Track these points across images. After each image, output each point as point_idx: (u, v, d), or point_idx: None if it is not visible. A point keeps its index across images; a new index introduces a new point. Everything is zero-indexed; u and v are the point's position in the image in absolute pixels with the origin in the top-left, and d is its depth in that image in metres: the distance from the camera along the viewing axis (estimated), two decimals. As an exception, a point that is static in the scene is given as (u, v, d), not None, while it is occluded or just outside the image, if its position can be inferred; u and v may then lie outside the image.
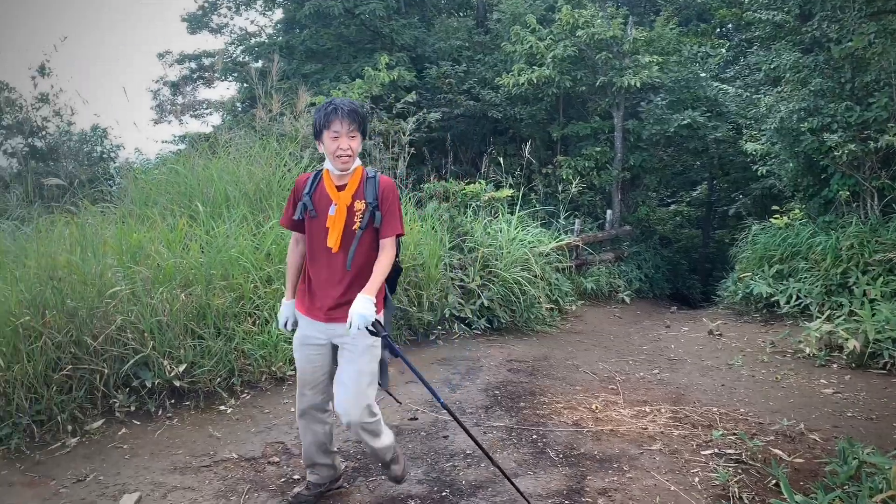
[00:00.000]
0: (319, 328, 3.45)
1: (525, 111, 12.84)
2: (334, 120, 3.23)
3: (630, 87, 11.25)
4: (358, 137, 3.32)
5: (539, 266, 8.00)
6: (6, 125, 12.89)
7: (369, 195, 3.35)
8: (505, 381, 5.96)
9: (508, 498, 3.92)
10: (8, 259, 5.18)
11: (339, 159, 3.28)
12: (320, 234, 3.38)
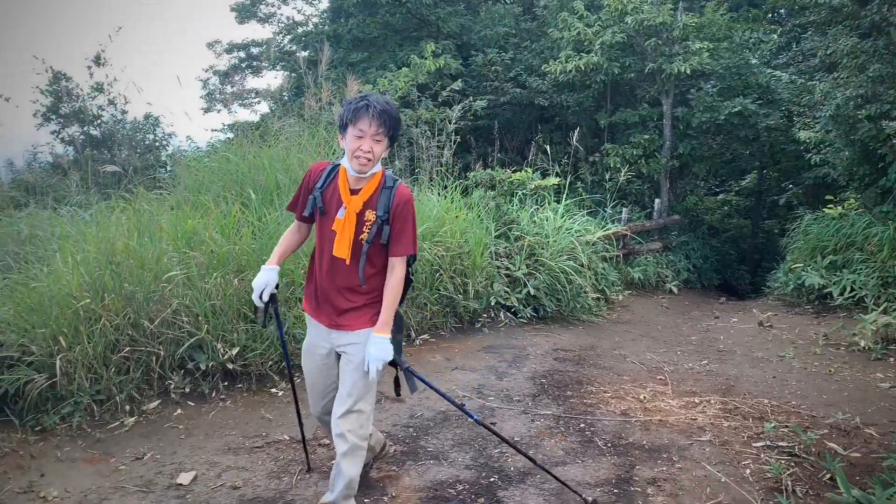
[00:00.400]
0: (323, 334, 3.27)
1: (572, 98, 12.73)
2: (363, 117, 2.93)
3: (680, 74, 11.06)
4: (384, 142, 3.02)
5: (586, 255, 7.95)
6: (64, 114, 13.23)
7: (381, 207, 3.07)
8: (551, 369, 5.95)
9: (557, 486, 3.92)
10: (69, 243, 5.34)
11: (357, 160, 2.98)
12: (328, 236, 3.15)
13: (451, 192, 7.60)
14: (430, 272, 6.58)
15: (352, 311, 3.17)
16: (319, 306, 3.26)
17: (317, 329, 3.30)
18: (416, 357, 6.07)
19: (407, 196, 3.12)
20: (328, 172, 3.17)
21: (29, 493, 3.84)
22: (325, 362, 3.32)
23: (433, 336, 6.60)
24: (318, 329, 3.29)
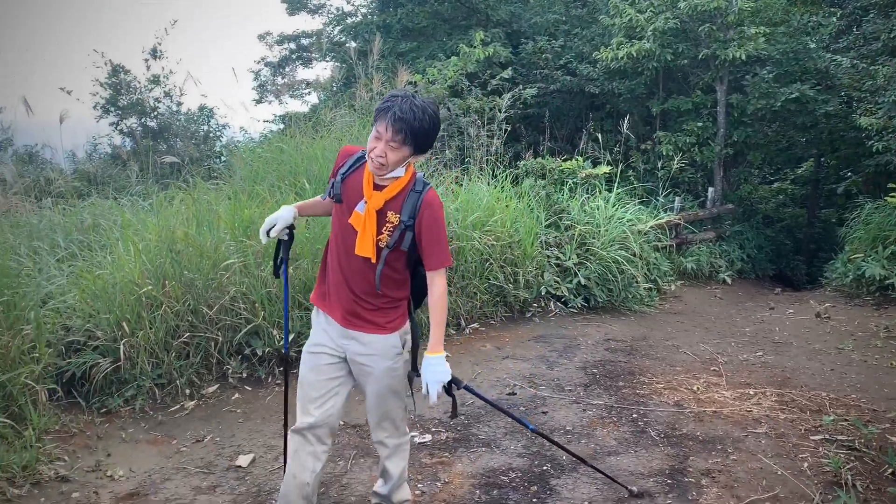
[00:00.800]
0: (333, 334, 2.92)
1: (623, 86, 12.56)
2: (381, 120, 2.64)
3: (734, 60, 10.83)
4: (401, 151, 2.67)
5: (637, 245, 7.87)
6: (122, 106, 13.60)
7: (406, 211, 2.78)
8: (603, 359, 5.93)
9: (609, 473, 3.92)
10: (131, 232, 5.51)
11: (371, 161, 2.71)
12: (344, 228, 2.84)
13: (502, 182, 7.60)
14: (479, 261, 6.60)
15: (367, 312, 2.88)
16: (330, 299, 2.94)
17: (327, 325, 2.95)
18: (466, 346, 6.11)
19: (436, 202, 2.82)
20: (356, 159, 2.89)
21: (97, 472, 3.99)
22: (332, 364, 2.94)
23: (483, 325, 6.63)
24: (328, 325, 2.94)
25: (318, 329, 2.99)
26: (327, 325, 2.94)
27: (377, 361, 2.90)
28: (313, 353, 2.95)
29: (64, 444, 4.22)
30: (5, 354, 4.23)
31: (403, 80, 8.36)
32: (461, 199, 6.90)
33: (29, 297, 4.74)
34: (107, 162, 12.35)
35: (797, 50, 11.68)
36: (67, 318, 4.95)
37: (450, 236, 6.40)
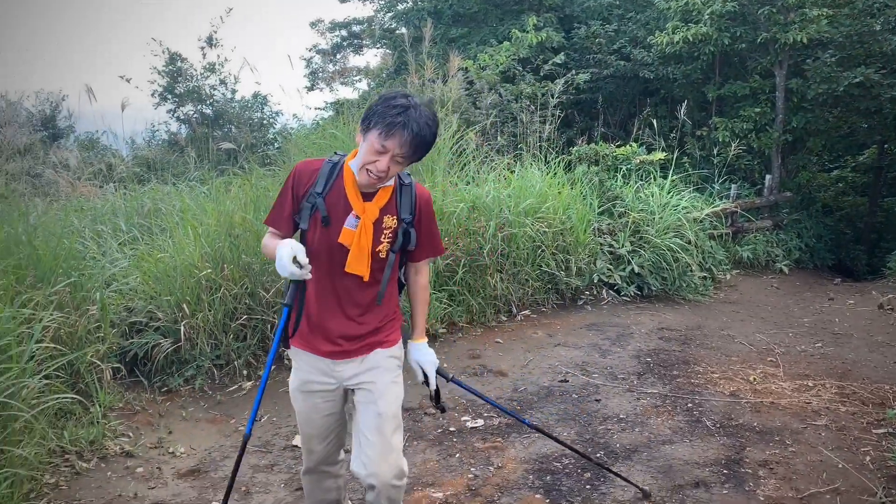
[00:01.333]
0: (325, 369, 2.62)
1: (679, 71, 12.31)
2: (394, 136, 2.30)
3: (795, 44, 10.50)
4: (404, 165, 2.42)
5: (692, 232, 7.74)
6: (179, 93, 13.88)
7: (404, 209, 2.56)
8: (657, 348, 5.86)
9: (664, 463, 3.89)
10: (189, 217, 5.63)
11: (367, 174, 2.39)
12: (331, 250, 2.51)
13: (554, 168, 7.54)
14: (531, 248, 6.58)
15: (366, 336, 2.62)
16: (313, 335, 2.61)
17: (312, 363, 2.64)
18: (517, 332, 6.10)
19: (427, 194, 2.67)
20: (327, 173, 2.52)
21: (159, 448, 4.12)
22: (330, 399, 2.68)
23: (534, 312, 6.61)
24: (314, 363, 2.64)
25: (303, 367, 2.67)
26: (315, 360, 2.63)
27: (380, 375, 2.63)
28: (305, 391, 2.67)
29: (128, 420, 4.36)
30: (73, 333, 4.38)
31: (455, 65, 8.34)
32: (513, 185, 6.88)
33: (94, 278, 4.90)
34: (164, 148, 12.65)
35: (862, 32, 11.27)
36: (130, 299, 5.10)
37: (501, 222, 6.39)
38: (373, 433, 2.57)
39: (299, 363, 2.68)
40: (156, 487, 3.72)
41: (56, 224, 5.52)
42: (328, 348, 2.59)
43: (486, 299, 6.25)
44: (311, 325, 2.61)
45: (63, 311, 4.39)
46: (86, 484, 3.68)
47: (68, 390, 4.06)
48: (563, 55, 11.05)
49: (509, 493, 3.63)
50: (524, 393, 4.89)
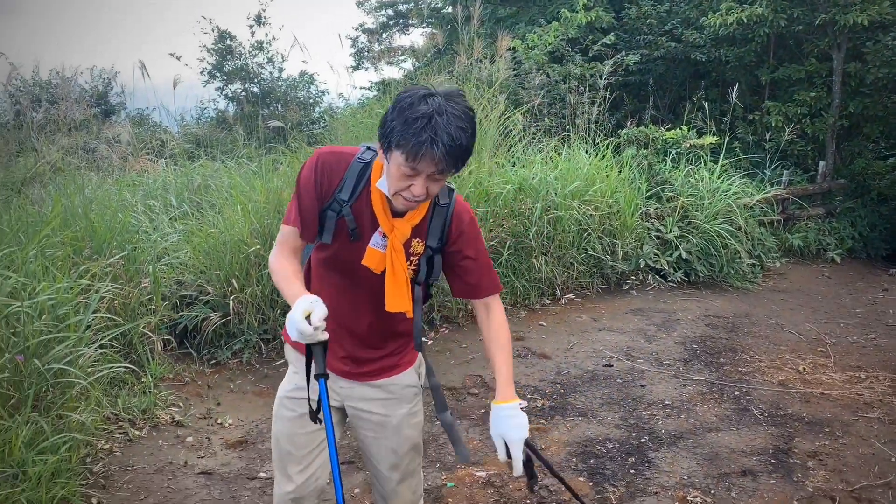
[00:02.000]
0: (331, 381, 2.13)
1: (731, 53, 12.01)
2: (424, 156, 1.80)
3: (855, 26, 10.15)
4: (446, 179, 1.94)
5: (742, 219, 7.58)
6: (227, 71, 14.03)
7: (434, 234, 2.08)
8: (703, 335, 5.78)
9: (710, 450, 3.85)
10: (239, 193, 5.71)
11: (405, 202, 1.92)
12: (350, 271, 2.07)
13: (603, 150, 7.45)
14: (577, 231, 6.52)
15: (379, 359, 2.22)
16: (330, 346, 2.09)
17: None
18: (561, 316, 6.07)
19: (470, 213, 2.14)
20: (357, 175, 2.02)
21: (208, 419, 4.21)
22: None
23: (579, 296, 6.56)
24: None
25: (295, 375, 2.20)
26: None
27: (394, 407, 2.23)
28: (296, 398, 2.17)
29: (178, 391, 4.46)
30: (126, 305, 4.49)
31: (504, 46, 8.26)
32: (561, 167, 6.82)
33: (146, 252, 5.01)
34: (213, 125, 12.82)
35: (926, 15, 10.86)
36: (180, 273, 5.20)
37: (548, 205, 6.34)
38: (389, 470, 2.26)
39: (294, 370, 2.22)
40: (205, 457, 3.80)
41: (110, 198, 5.65)
42: (334, 365, 2.16)
43: (530, 282, 6.23)
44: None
45: (117, 283, 4.51)
46: (138, 451, 3.79)
47: (122, 360, 4.17)
48: (613, 36, 10.85)
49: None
50: (567, 376, 4.87)
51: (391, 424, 2.22)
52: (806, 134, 11.05)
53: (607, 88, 8.96)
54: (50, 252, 4.31)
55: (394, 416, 2.22)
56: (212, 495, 3.45)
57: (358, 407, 2.23)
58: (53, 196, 5.38)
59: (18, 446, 3.03)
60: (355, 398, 2.22)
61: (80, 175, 6.36)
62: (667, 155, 8.30)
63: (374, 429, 2.23)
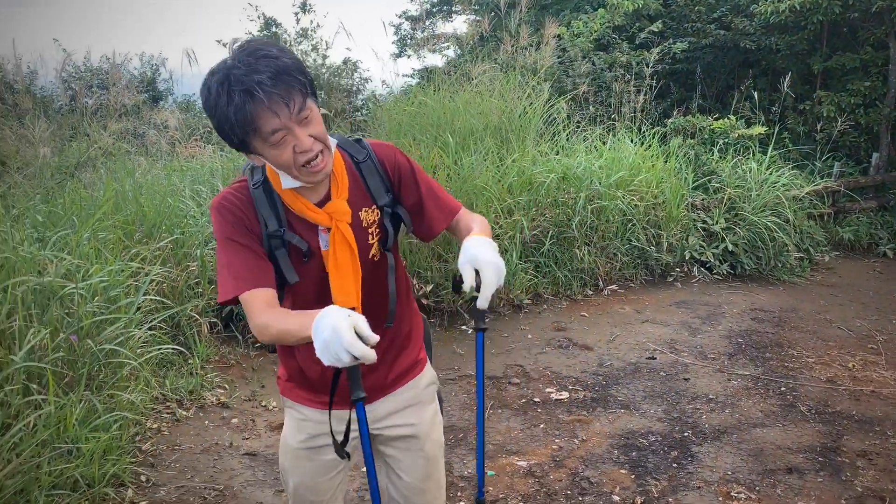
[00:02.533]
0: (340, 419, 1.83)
1: (782, 41, 11.73)
2: (260, 110, 1.53)
3: (914, 13, 9.85)
4: (313, 110, 1.63)
5: (791, 211, 7.42)
6: (273, 59, 14.13)
7: (375, 189, 1.83)
8: (749, 329, 5.68)
9: (755, 446, 3.80)
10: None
11: (309, 168, 1.64)
12: (316, 285, 1.78)
13: (648, 140, 7.35)
14: (621, 222, 6.45)
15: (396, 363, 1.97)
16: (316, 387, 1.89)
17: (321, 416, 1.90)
18: (603, 307, 6.03)
19: (388, 146, 1.89)
20: (266, 205, 1.74)
21: (252, 401, 4.28)
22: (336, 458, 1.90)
23: (622, 287, 6.50)
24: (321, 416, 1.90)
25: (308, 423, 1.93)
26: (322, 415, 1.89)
27: (420, 412, 2.01)
28: (312, 448, 1.94)
29: (223, 373, 4.55)
30: (175, 288, 4.59)
31: (550, 33, 8.18)
32: (605, 156, 6.75)
33: (194, 236, 5.10)
34: (258, 112, 12.94)
35: None
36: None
37: (591, 194, 6.28)
38: (423, 481, 2.02)
39: (302, 417, 1.95)
40: (249, 438, 3.87)
41: (159, 183, 5.75)
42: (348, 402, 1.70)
43: (572, 272, 6.19)
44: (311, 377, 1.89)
45: (166, 267, 4.60)
46: (185, 431, 3.87)
47: (170, 342, 4.25)
48: (661, 23, 10.68)
49: (594, 466, 3.62)
50: (610, 368, 4.84)
51: (422, 432, 1.99)
52: (859, 125, 10.76)
53: (653, 77, 8.83)
54: (102, 235, 4.42)
55: (422, 422, 2.00)
56: (256, 476, 3.51)
57: (382, 426, 1.96)
58: (105, 180, 5.51)
59: (73, 424, 3.12)
60: (378, 418, 1.94)
61: (131, 160, 6.49)
62: (714, 145, 8.15)
63: (404, 443, 1.99)
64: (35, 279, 3.45)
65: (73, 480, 3.03)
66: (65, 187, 5.48)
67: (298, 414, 1.95)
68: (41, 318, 3.41)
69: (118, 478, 3.26)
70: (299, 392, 1.93)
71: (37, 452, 2.90)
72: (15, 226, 4.04)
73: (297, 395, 1.94)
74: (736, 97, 9.98)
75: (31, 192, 5.12)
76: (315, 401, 1.90)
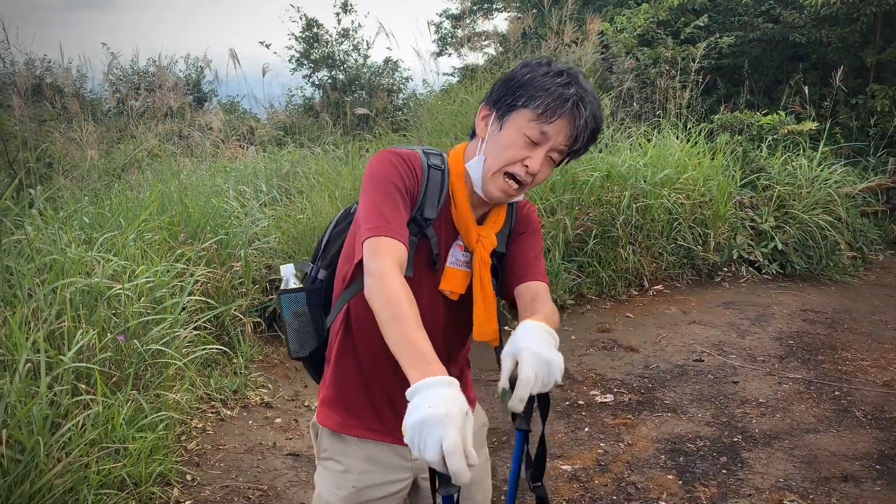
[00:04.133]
0: (397, 461, 1.72)
1: (833, 34, 11.40)
2: (564, 116, 1.48)
3: (974, 2, 9.49)
4: (555, 166, 1.61)
5: (843, 209, 7.20)
6: (314, 59, 14.25)
7: (502, 239, 1.70)
8: (800, 331, 5.52)
9: (808, 453, 3.68)
10: (326, 180, 5.79)
11: (508, 182, 1.55)
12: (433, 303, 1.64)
13: (695, 137, 7.20)
14: (667, 221, 6.32)
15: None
16: (390, 413, 1.68)
17: (377, 455, 1.71)
18: (649, 307, 5.91)
19: (531, 204, 1.80)
20: (439, 186, 1.62)
21: (295, 401, 4.30)
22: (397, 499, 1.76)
23: (668, 287, 6.37)
24: (380, 454, 1.71)
25: (356, 463, 1.71)
26: (383, 450, 1.72)
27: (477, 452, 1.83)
28: (364, 502, 1.71)
29: (267, 373, 4.57)
30: (219, 288, 4.62)
31: (594, 29, 8.08)
32: (650, 154, 6.62)
33: (238, 237, 5.14)
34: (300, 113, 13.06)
35: None
36: (270, 258, 5.31)
37: (636, 193, 6.16)
38: None
39: (347, 456, 1.72)
40: (292, 438, 3.88)
41: (203, 184, 5.82)
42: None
43: (616, 272, 6.09)
44: (379, 395, 1.70)
45: (211, 267, 4.64)
46: (230, 430, 3.90)
47: (214, 342, 4.29)
48: (706, 17, 10.47)
49: (640, 471, 3.54)
50: (656, 371, 4.74)
51: (475, 478, 1.74)
52: (915, 119, 10.40)
53: (699, 72, 8.66)
54: (148, 236, 4.47)
55: (477, 466, 1.69)
56: (299, 477, 3.51)
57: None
58: (151, 182, 5.60)
59: (120, 423, 3.15)
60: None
61: (176, 161, 6.58)
62: (762, 141, 7.94)
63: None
64: (83, 280, 3.50)
65: (120, 479, 3.06)
66: (112, 189, 5.58)
67: (341, 458, 1.72)
68: (89, 318, 3.46)
69: (164, 477, 3.29)
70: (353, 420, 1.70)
71: (85, 452, 2.94)
72: (63, 228, 4.10)
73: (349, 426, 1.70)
74: (785, 92, 9.73)
75: (78, 194, 5.21)
76: (371, 429, 1.69)
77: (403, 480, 1.73)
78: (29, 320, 3.20)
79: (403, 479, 1.73)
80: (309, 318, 1.82)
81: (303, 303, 1.82)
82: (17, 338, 2.98)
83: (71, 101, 7.78)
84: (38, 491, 2.66)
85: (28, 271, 3.49)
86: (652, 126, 7.66)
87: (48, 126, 7.36)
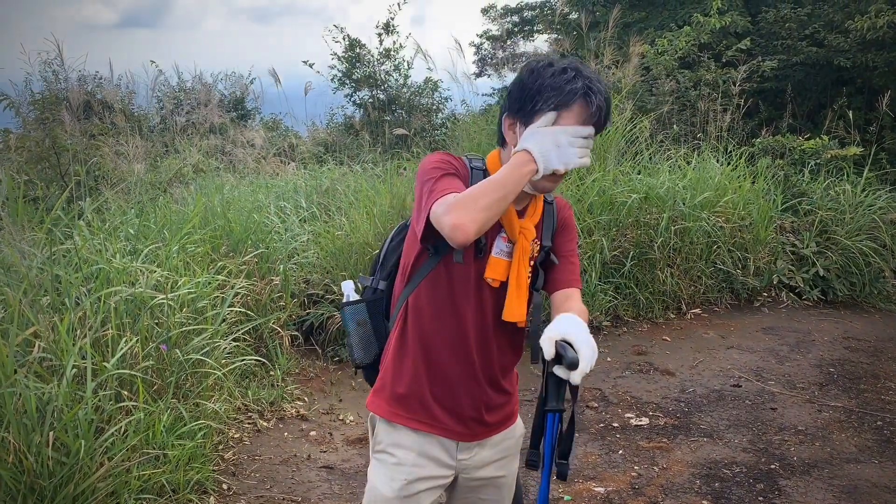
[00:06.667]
0: (443, 456, 1.84)
1: (880, 58, 11.22)
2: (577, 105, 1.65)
3: None
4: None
5: (889, 235, 7.05)
6: (356, 79, 14.44)
7: (547, 228, 1.87)
8: (841, 358, 5.41)
9: (849, 483, 3.60)
10: (364, 197, 5.86)
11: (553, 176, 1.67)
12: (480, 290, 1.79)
13: (735, 160, 7.13)
14: (706, 244, 6.26)
15: (505, 405, 1.92)
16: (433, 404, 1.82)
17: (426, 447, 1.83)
18: (686, 331, 5.86)
19: (570, 206, 1.98)
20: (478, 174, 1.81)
21: (330, 415, 4.34)
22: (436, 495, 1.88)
23: (706, 311, 6.30)
24: (428, 447, 1.83)
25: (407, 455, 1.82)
26: (430, 442, 1.83)
27: (510, 465, 1.97)
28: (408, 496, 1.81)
29: (303, 386, 4.63)
30: (258, 301, 4.71)
31: (636, 51, 8.08)
32: (690, 176, 6.58)
33: (278, 251, 5.24)
34: (341, 131, 13.24)
35: None
36: (308, 273, 5.39)
37: (675, 215, 6.13)
38: None
39: (401, 448, 1.83)
40: (327, 451, 3.92)
41: (245, 199, 5.94)
42: (460, 428, 1.83)
43: (653, 294, 6.05)
44: (431, 389, 1.81)
45: (251, 280, 4.73)
46: (265, 441, 3.95)
47: (253, 353, 4.36)
48: (749, 40, 10.39)
49: (674, 495, 3.50)
50: (692, 395, 4.69)
51: (507, 485, 1.96)
52: (964, 145, 10.18)
53: (741, 95, 8.59)
54: (191, 248, 4.58)
55: (510, 474, 1.96)
56: (332, 489, 3.55)
57: (477, 476, 1.90)
58: (195, 196, 5.73)
59: (161, 430, 3.22)
60: (474, 467, 1.88)
61: (219, 176, 6.73)
62: (804, 166, 7.84)
63: (492, 493, 1.94)
64: (127, 290, 3.59)
65: (159, 486, 3.13)
66: (156, 202, 5.72)
67: (392, 449, 1.83)
68: (133, 327, 3.55)
69: (201, 485, 3.34)
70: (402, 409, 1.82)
71: (127, 457, 3.01)
72: (109, 238, 4.22)
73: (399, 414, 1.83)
74: (829, 116, 9.60)
75: (125, 207, 5.36)
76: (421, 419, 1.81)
77: (447, 477, 1.87)
78: (76, 327, 3.30)
79: (447, 475, 1.87)
80: (370, 327, 2.00)
81: (364, 313, 2.00)
82: (65, 344, 3.07)
83: (119, 116, 8.01)
84: (81, 493, 2.73)
85: (76, 280, 3.60)
86: (692, 148, 7.62)
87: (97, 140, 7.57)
